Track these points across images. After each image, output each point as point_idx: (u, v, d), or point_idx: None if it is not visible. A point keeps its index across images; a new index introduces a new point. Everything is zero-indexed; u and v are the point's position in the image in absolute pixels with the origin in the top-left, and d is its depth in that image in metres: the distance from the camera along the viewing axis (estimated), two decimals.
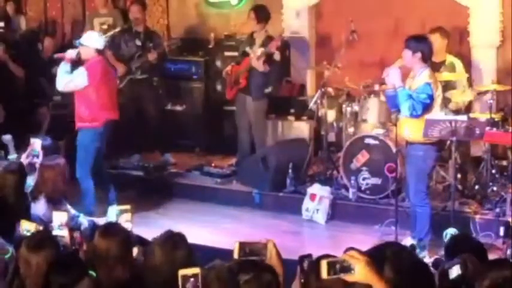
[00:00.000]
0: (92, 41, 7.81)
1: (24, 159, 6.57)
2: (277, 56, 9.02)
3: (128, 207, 5.57)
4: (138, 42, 9.75)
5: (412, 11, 9.42)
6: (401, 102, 6.82)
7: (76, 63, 7.82)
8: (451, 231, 6.68)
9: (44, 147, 6.63)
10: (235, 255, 3.98)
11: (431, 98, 6.81)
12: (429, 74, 6.91)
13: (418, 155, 6.96)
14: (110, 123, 7.95)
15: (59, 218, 5.49)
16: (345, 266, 3.33)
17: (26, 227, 5.13)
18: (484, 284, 3.35)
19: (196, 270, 3.74)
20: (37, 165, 6.45)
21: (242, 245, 4.02)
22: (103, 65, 7.89)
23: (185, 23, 10.80)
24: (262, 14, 9.10)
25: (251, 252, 4.01)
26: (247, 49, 9.20)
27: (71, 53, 7.77)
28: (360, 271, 3.21)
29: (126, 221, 5.64)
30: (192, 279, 3.72)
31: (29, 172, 6.34)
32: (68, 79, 7.74)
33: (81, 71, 7.73)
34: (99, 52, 7.84)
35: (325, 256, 3.63)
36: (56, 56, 8.15)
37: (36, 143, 6.62)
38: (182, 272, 3.74)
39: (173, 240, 4.24)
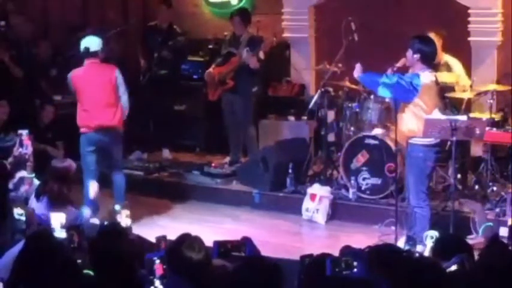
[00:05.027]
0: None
1: (15, 152, 6.65)
2: (261, 55, 9.12)
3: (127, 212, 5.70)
4: (160, 39, 9.93)
5: (412, 10, 9.42)
6: (371, 84, 7.09)
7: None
8: (431, 234, 6.58)
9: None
10: (215, 254, 4.12)
11: (411, 85, 6.75)
12: (427, 75, 6.85)
13: (418, 156, 6.94)
14: (104, 129, 7.69)
15: (58, 220, 5.52)
16: (349, 264, 3.40)
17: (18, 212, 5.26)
18: None
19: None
20: (27, 156, 6.51)
21: (222, 243, 4.17)
22: (87, 68, 7.72)
23: (185, 23, 10.79)
24: (246, 17, 9.31)
25: (232, 248, 4.17)
26: (233, 50, 9.28)
27: None
28: None
29: (126, 216, 5.72)
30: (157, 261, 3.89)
31: (22, 163, 6.43)
32: None
33: (68, 78, 7.80)
34: (91, 55, 7.70)
35: (326, 255, 3.66)
36: None
37: (23, 135, 6.71)
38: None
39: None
